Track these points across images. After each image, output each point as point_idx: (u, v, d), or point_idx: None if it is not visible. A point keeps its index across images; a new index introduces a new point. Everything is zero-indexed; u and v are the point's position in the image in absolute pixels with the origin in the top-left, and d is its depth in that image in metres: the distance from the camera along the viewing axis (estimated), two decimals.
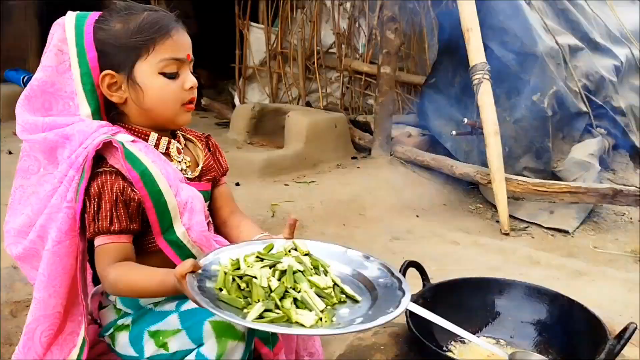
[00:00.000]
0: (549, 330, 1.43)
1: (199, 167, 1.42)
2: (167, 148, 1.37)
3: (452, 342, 1.56)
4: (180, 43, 1.30)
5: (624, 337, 1.24)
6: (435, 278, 1.53)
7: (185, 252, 1.30)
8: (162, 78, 1.28)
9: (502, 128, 3.65)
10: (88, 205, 1.23)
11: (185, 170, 1.38)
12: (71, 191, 1.22)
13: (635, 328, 1.25)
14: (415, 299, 1.38)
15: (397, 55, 4.39)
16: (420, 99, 4.54)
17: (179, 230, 1.28)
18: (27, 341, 1.31)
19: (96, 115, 1.31)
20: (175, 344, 1.26)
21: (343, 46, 5.25)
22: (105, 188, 1.23)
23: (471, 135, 3.91)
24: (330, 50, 5.38)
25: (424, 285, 1.56)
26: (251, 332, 1.27)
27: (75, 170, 1.22)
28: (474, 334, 1.48)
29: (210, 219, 1.46)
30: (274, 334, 1.33)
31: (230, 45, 5.82)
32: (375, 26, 5.01)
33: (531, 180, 3.61)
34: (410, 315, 1.39)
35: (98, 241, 1.24)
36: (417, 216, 3.65)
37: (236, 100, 5.85)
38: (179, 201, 1.28)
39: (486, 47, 3.73)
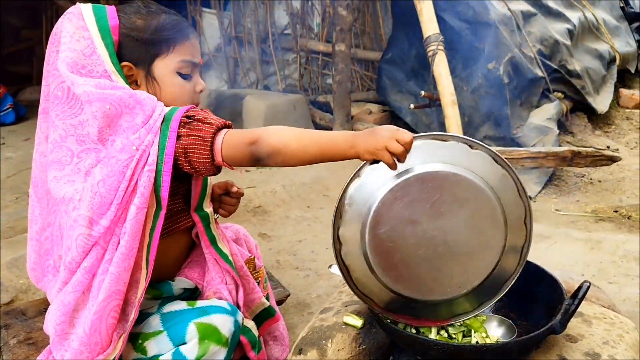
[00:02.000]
0: (508, 295, 1.41)
1: None
2: None
3: None
4: (197, 47, 1.36)
5: (578, 296, 1.24)
6: None
7: (208, 233, 1.39)
8: (179, 78, 1.32)
9: (460, 98, 3.65)
10: (185, 135, 1.19)
11: None
12: (153, 154, 1.18)
13: (589, 286, 1.25)
14: None
15: (352, 32, 4.34)
16: (378, 74, 4.51)
17: (208, 209, 1.38)
18: (95, 321, 1.18)
19: None
20: (155, 347, 1.26)
21: (298, 26, 5.18)
22: (194, 112, 1.21)
23: (430, 108, 3.90)
24: (286, 32, 5.31)
25: None
26: (234, 338, 1.29)
27: (154, 134, 1.18)
28: None
29: None
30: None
31: None
32: (328, 4, 4.95)
33: (491, 148, 3.60)
34: None
35: (220, 137, 1.18)
36: None
37: None
38: (210, 184, 1.40)
39: (439, 18, 3.71)
